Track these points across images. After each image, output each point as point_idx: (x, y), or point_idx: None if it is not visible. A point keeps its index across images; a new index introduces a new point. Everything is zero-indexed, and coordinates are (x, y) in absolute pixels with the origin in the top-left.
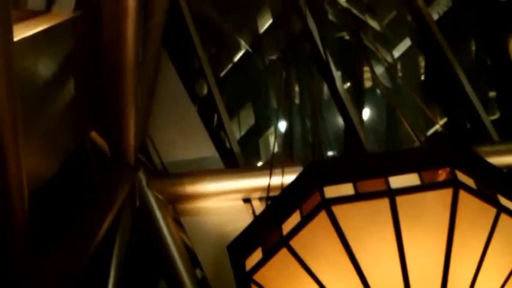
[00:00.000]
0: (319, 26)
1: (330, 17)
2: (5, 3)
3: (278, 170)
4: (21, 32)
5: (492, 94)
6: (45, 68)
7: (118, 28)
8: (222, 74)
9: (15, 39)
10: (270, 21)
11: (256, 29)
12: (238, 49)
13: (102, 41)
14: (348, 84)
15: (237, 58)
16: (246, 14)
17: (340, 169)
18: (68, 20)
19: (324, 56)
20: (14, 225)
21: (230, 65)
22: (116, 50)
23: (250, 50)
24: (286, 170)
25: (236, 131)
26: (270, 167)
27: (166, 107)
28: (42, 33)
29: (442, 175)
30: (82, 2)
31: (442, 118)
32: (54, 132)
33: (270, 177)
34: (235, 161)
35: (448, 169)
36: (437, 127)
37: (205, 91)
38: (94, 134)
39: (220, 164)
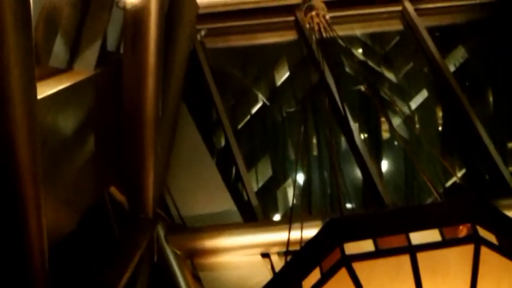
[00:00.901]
0: (336, 79)
1: (347, 69)
2: (29, 62)
3: (297, 224)
4: (44, 90)
5: (511, 145)
6: (66, 124)
7: (139, 84)
8: (240, 126)
9: (38, 97)
10: (287, 73)
11: (273, 81)
12: (255, 101)
13: (123, 96)
14: (366, 135)
15: (254, 110)
16: (263, 66)
17: (360, 225)
18: (89, 77)
19: (341, 109)
20: (34, 279)
21: (248, 117)
22: (136, 105)
23: (267, 103)
24: (305, 224)
25: (254, 183)
26: (288, 221)
27: (184, 160)
28: (64, 91)
29: (463, 230)
30: (103, 59)
31: (460, 169)
32: (74, 187)
33: (289, 232)
34: (253, 214)
35: (469, 224)
36: (455, 179)
37: (223, 143)
38: (113, 188)
39: (238, 217)
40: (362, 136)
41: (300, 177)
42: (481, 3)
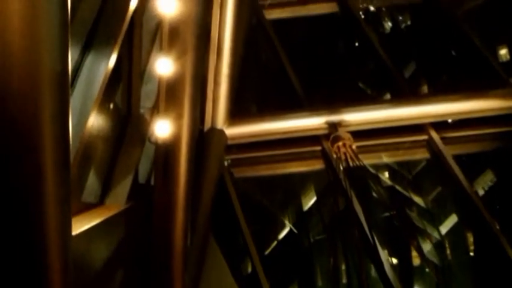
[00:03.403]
0: (364, 206)
1: (374, 194)
2: (66, 202)
3: None
4: (77, 226)
5: None
6: (97, 258)
7: (168, 216)
8: (267, 252)
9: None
10: (314, 198)
11: (300, 207)
12: (282, 227)
13: (152, 228)
14: (395, 262)
15: (281, 236)
16: (290, 192)
17: None
18: (120, 212)
19: (370, 236)
20: None
21: (275, 243)
22: (165, 237)
23: (294, 230)
24: None
25: None
26: None
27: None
28: (96, 227)
29: None
30: (134, 194)
31: None
32: None
33: None
34: None
35: None
36: None
37: (249, 269)
38: None
39: None
40: (391, 263)
41: None
42: (508, 131)
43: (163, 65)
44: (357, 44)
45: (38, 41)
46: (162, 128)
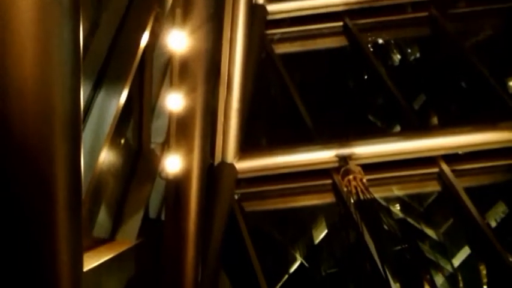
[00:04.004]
0: (375, 240)
1: (386, 228)
2: (77, 236)
3: None
4: (87, 262)
5: None
6: None
7: (179, 251)
8: (278, 286)
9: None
10: (325, 231)
11: (311, 240)
12: (294, 260)
13: (163, 264)
14: None
15: (292, 270)
16: (300, 225)
17: None
18: (131, 248)
19: (382, 270)
20: None
21: (286, 277)
22: (176, 273)
23: (305, 263)
24: None
25: None
26: None
27: None
28: (107, 263)
29: None
30: (145, 228)
31: None
32: None
33: None
34: None
35: None
36: None
37: None
38: None
39: None
40: None
41: None
42: None
43: (174, 101)
44: (366, 77)
45: (50, 83)
46: (173, 163)
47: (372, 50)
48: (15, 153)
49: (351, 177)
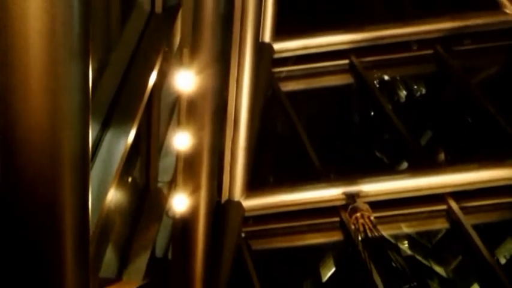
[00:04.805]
0: (383, 278)
1: (394, 265)
2: (85, 277)
3: None
4: None
5: None
6: None
7: None
8: None
9: None
10: (333, 270)
11: (319, 278)
12: None
13: None
14: None
15: None
16: (308, 263)
17: None
18: None
19: None
20: None
21: None
22: None
23: None
24: None
25: None
26: None
27: None
28: None
29: None
30: (151, 269)
31: None
32: None
33: None
34: None
35: None
36: None
37: None
38: None
39: None
40: None
41: None
42: None
43: (181, 139)
44: (372, 114)
45: (59, 122)
46: (180, 202)
47: (378, 86)
48: (23, 191)
49: (358, 215)
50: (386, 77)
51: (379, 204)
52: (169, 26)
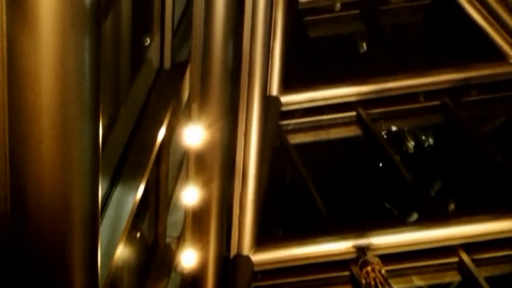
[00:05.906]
0: None
1: None
2: None
3: None
4: None
5: None
6: None
7: None
8: None
9: None
10: None
11: None
12: None
13: None
14: None
15: None
16: None
17: None
18: None
19: None
20: None
21: None
22: None
23: None
24: None
25: None
26: None
27: None
28: None
29: None
30: None
31: None
32: None
33: None
34: None
35: None
36: None
37: None
38: None
39: None
40: None
41: None
42: None
43: (190, 194)
44: (380, 165)
45: (69, 178)
46: (188, 257)
47: (385, 137)
48: (33, 246)
49: (369, 268)
50: (394, 128)
51: (390, 257)
52: (177, 82)
